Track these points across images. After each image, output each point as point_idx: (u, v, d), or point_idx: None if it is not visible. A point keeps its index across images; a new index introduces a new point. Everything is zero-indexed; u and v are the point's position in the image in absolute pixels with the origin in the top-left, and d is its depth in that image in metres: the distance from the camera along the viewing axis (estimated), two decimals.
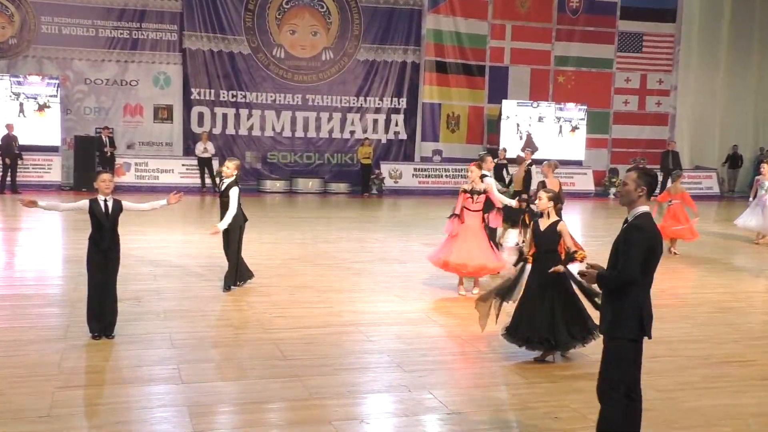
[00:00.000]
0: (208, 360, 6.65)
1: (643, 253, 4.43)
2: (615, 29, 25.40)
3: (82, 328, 7.35)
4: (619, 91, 25.77)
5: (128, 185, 20.61)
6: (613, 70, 25.60)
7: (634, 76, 25.76)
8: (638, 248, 4.43)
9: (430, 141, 24.07)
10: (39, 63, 21.08)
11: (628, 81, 25.75)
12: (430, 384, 6.21)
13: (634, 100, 25.93)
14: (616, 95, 25.76)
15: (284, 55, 22.96)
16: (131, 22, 21.55)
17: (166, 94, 22.11)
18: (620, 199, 4.70)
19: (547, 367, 6.74)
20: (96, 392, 5.80)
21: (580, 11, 25.02)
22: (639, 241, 4.44)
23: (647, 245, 4.43)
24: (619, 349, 4.57)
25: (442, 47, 23.90)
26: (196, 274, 10.18)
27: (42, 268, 10.52)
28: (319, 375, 6.36)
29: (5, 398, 5.55)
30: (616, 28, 25.40)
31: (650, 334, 4.58)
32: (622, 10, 25.30)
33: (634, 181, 4.54)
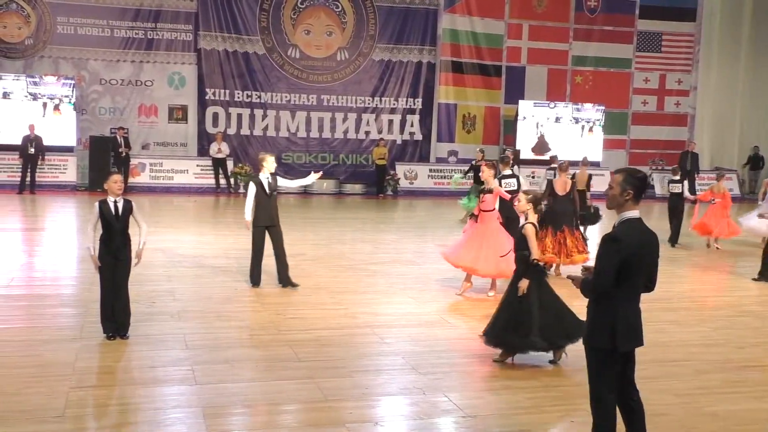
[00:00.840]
0: (222, 361, 6.67)
1: (615, 265, 4.32)
2: (634, 28, 25.27)
3: (97, 328, 7.40)
4: (637, 91, 25.64)
5: (143, 185, 20.75)
6: (632, 70, 25.47)
7: (653, 76, 25.62)
8: (609, 260, 4.34)
9: (446, 142, 24.05)
10: (55, 63, 21.26)
11: (647, 81, 25.61)
12: (445, 387, 6.20)
13: (653, 101, 25.79)
14: (635, 95, 25.62)
15: (299, 55, 23.02)
16: (146, 22, 21.69)
17: (181, 95, 22.23)
18: (607, 203, 4.59)
19: (563, 371, 6.72)
20: (110, 393, 5.84)
21: (598, 10, 24.91)
22: (611, 252, 4.35)
23: (621, 256, 4.31)
24: (592, 357, 4.53)
25: (458, 47, 23.88)
26: (210, 274, 10.23)
27: (57, 269, 10.60)
28: (334, 377, 6.37)
29: (20, 398, 5.60)
30: (634, 28, 25.27)
31: (625, 345, 4.43)
32: (641, 9, 25.17)
33: (619, 185, 4.42)
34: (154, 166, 21.20)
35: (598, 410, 4.56)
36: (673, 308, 9.16)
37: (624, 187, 4.42)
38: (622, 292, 4.41)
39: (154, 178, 21.10)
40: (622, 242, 4.35)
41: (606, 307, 4.44)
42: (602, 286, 4.39)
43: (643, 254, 4.41)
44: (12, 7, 20.95)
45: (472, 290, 9.63)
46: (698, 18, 25.58)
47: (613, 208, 4.52)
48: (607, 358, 4.46)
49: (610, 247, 4.37)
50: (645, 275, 4.51)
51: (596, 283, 4.41)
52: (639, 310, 4.53)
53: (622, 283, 4.37)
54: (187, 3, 21.96)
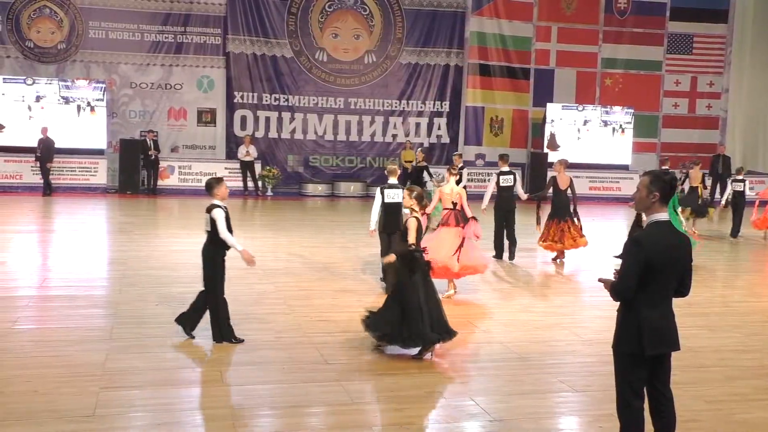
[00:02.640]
0: (249, 363, 6.72)
1: (638, 268, 4.30)
2: (664, 30, 25.01)
3: (127, 329, 7.51)
4: (668, 93, 25.36)
5: (172, 188, 20.95)
6: (662, 72, 25.21)
7: (683, 78, 25.32)
8: (632, 263, 4.32)
9: (473, 145, 23.99)
10: (86, 67, 21.56)
11: (678, 83, 25.33)
12: (472, 390, 6.19)
13: (684, 103, 25.49)
14: (666, 98, 25.35)
15: (327, 59, 23.12)
16: (176, 26, 21.91)
17: (210, 98, 22.42)
18: (635, 205, 4.57)
19: (591, 375, 6.67)
20: (139, 393, 5.90)
21: (628, 12, 24.69)
22: (632, 255, 4.33)
23: (643, 260, 4.29)
24: (619, 362, 4.51)
25: (486, 50, 23.80)
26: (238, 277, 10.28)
27: (87, 270, 10.74)
28: (361, 380, 6.39)
29: (51, 398, 5.69)
30: (665, 30, 25.01)
31: (651, 349, 4.38)
32: (671, 10, 24.89)
33: (646, 187, 4.40)
34: (183, 169, 21.40)
35: (625, 415, 4.52)
36: (704, 313, 9.06)
37: (650, 189, 4.39)
38: (648, 295, 4.37)
39: (183, 181, 21.30)
40: (645, 245, 4.31)
41: (632, 311, 4.41)
42: (624, 289, 4.36)
43: (669, 258, 4.35)
44: (45, 12, 21.29)
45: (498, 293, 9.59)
46: (730, 19, 25.25)
47: (641, 210, 4.50)
48: (634, 362, 4.42)
49: (632, 250, 4.34)
50: (676, 279, 4.46)
51: (618, 286, 4.38)
52: (669, 315, 4.48)
53: (646, 286, 4.33)
54: (216, 7, 22.16)
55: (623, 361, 4.48)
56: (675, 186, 4.48)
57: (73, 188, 20.11)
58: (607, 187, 23.69)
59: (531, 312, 9.06)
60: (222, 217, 7.06)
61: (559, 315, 9.22)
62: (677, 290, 4.52)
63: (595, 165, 23.67)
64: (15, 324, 7.65)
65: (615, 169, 23.93)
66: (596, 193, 23.39)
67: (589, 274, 11.94)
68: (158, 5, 21.76)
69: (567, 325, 8.53)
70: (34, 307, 8.46)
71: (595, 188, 23.50)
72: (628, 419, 4.51)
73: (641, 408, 4.50)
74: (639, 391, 4.48)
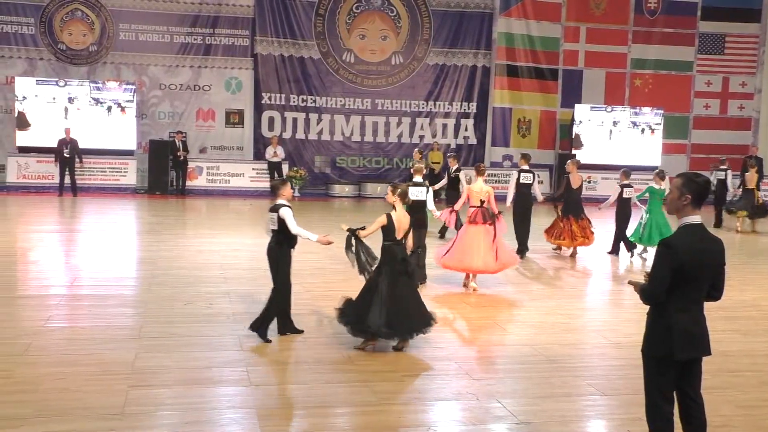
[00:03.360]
0: (276, 363, 6.75)
1: (668, 272, 4.24)
2: (695, 30, 24.71)
3: (156, 327, 7.58)
4: (699, 94, 25.05)
5: (200, 189, 21.14)
6: (693, 72, 24.91)
7: (715, 78, 25.00)
8: (661, 266, 4.27)
9: (501, 146, 23.90)
10: (117, 69, 21.84)
11: (709, 84, 25.01)
12: (499, 393, 6.16)
13: (716, 104, 25.16)
14: (696, 99, 25.05)
15: (354, 60, 23.17)
16: (204, 28, 22.11)
17: (238, 99, 22.59)
18: (667, 207, 4.52)
19: (620, 379, 6.61)
20: (167, 392, 5.96)
21: (659, 12, 24.44)
22: (663, 258, 4.28)
23: (674, 263, 4.23)
24: (649, 366, 4.46)
25: (514, 51, 23.71)
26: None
27: (117, 270, 10.87)
28: (387, 381, 6.39)
29: (81, 395, 5.76)
30: (696, 29, 24.71)
31: (681, 354, 4.33)
32: (702, 10, 24.60)
33: (678, 189, 4.35)
34: (211, 170, 21.58)
35: (654, 420, 4.48)
36: (735, 316, 8.93)
37: (682, 191, 4.33)
38: (679, 299, 4.31)
39: (211, 182, 21.48)
40: (675, 248, 4.26)
41: (663, 314, 4.36)
42: (654, 292, 4.31)
43: (701, 261, 4.29)
44: (77, 15, 21.60)
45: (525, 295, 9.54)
46: (763, 19, 24.87)
47: (672, 213, 4.44)
48: (663, 366, 4.37)
49: (663, 253, 4.29)
50: (708, 283, 4.39)
51: (648, 289, 4.33)
52: (701, 319, 4.42)
53: (677, 290, 4.28)
54: (245, 8, 22.31)
55: (653, 364, 4.43)
56: (709, 189, 4.41)
57: (103, 188, 20.37)
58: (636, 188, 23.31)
59: (559, 314, 9.00)
60: (291, 214, 7.23)
61: (588, 317, 9.15)
62: (709, 294, 4.45)
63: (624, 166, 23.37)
64: (47, 322, 7.76)
65: (644, 171, 23.64)
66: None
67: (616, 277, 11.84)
68: (187, 7, 21.97)
69: (595, 327, 8.45)
70: (65, 305, 8.58)
71: None
72: (657, 424, 4.46)
73: (671, 412, 4.45)
74: (668, 396, 4.42)
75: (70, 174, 19.49)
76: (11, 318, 7.97)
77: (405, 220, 7.28)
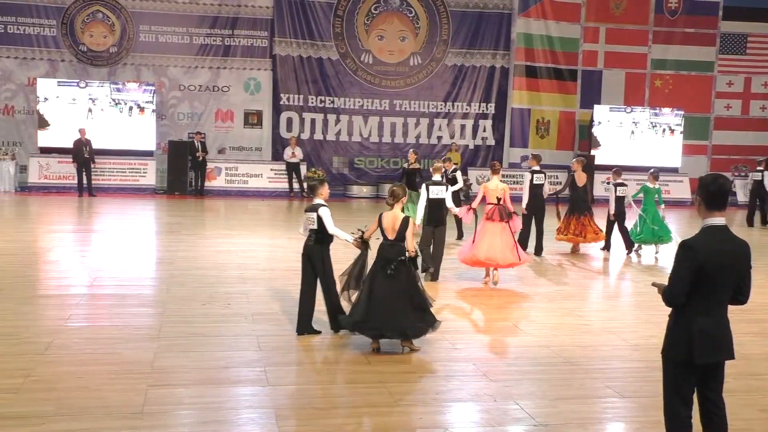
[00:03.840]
0: (294, 363, 6.77)
1: (688, 273, 4.21)
2: (717, 30, 24.49)
3: (174, 327, 7.63)
4: (720, 95, 24.83)
5: (218, 189, 21.25)
6: (714, 73, 24.69)
7: (737, 79, 24.77)
8: (680, 268, 4.25)
9: (519, 147, 23.82)
10: (137, 70, 22.00)
11: (731, 84, 24.78)
12: (517, 394, 6.14)
13: (737, 105, 24.93)
14: (717, 99, 24.83)
15: (372, 61, 23.19)
16: (224, 29, 22.22)
17: (256, 100, 22.68)
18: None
19: (639, 381, 6.56)
20: (186, 391, 5.99)
21: (679, 12, 24.25)
22: (682, 260, 4.25)
23: (693, 265, 4.20)
24: (668, 369, 4.43)
25: (533, 51, 23.62)
26: (283, 277, 10.38)
27: (136, 270, 10.95)
28: (404, 382, 6.39)
29: (100, 394, 5.80)
30: (717, 29, 24.49)
31: (701, 357, 4.27)
32: (724, 10, 24.38)
33: (694, 195, 4.44)
34: (230, 170, 21.68)
35: (672, 423, 4.44)
36: (758, 319, 8.83)
37: (696, 196, 4.39)
38: (700, 302, 4.27)
39: (230, 182, 21.58)
40: (694, 250, 4.23)
41: (683, 317, 4.32)
42: (674, 295, 4.28)
43: (721, 263, 4.24)
44: (98, 17, 21.78)
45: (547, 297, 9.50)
46: None
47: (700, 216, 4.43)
48: (683, 369, 4.34)
49: (682, 255, 4.26)
50: (731, 286, 4.34)
51: (669, 291, 4.30)
52: (723, 322, 4.36)
53: (699, 292, 4.24)
54: (264, 10, 22.40)
55: (672, 367, 4.40)
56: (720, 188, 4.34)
57: (122, 189, 20.51)
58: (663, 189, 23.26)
59: (577, 315, 8.96)
60: (329, 214, 7.37)
61: (607, 319, 9.10)
62: (734, 297, 4.40)
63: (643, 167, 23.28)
64: (67, 321, 7.83)
65: (664, 172, 23.47)
66: None
67: (636, 278, 11.76)
68: (206, 9, 22.09)
69: (614, 329, 8.40)
70: (85, 305, 8.65)
71: None
72: (676, 427, 4.43)
73: (689, 416, 4.41)
74: (687, 399, 4.39)
75: (87, 174, 19.65)
76: (32, 317, 8.05)
77: (396, 220, 7.22)
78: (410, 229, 7.13)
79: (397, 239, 7.16)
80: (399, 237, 7.15)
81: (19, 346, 6.92)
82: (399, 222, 7.17)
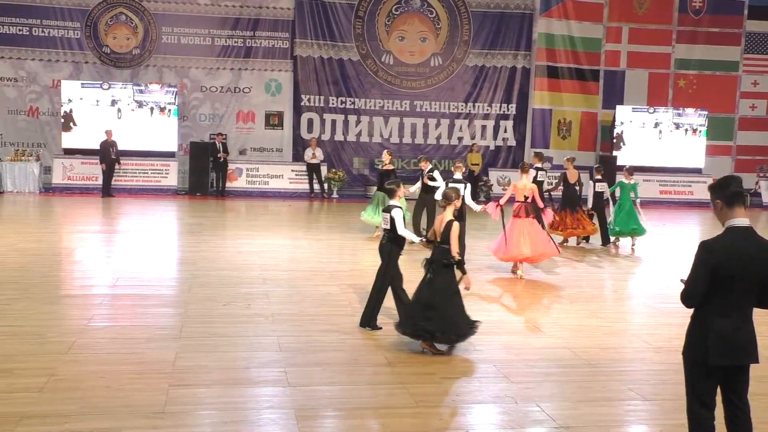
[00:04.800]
0: (314, 364, 6.79)
1: (705, 274, 4.18)
2: (742, 30, 24.23)
3: (196, 327, 7.68)
4: (745, 95, 24.55)
5: (240, 190, 21.35)
6: (739, 72, 24.43)
7: (762, 79, 24.47)
8: (697, 268, 4.22)
9: (540, 148, 23.62)
10: (159, 72, 22.17)
11: (756, 84, 24.49)
12: (538, 396, 6.12)
13: (762, 105, 24.64)
14: (742, 99, 24.56)
15: (393, 62, 23.19)
16: (245, 30, 22.32)
17: (277, 101, 22.77)
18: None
19: (661, 384, 6.51)
20: (206, 392, 6.03)
21: (704, 11, 24.02)
22: (699, 260, 4.22)
23: (710, 265, 4.17)
24: (687, 371, 4.41)
25: (554, 51, 23.51)
26: (304, 278, 10.42)
27: (158, 270, 11.03)
28: (425, 383, 6.38)
29: (124, 393, 5.86)
30: (743, 29, 24.23)
31: (717, 360, 4.23)
32: (750, 9, 24.11)
33: (711, 202, 4.39)
34: (251, 171, 21.78)
35: (693, 426, 4.41)
36: None
37: (713, 200, 4.35)
38: (719, 303, 4.23)
39: (251, 183, 21.68)
40: (711, 251, 4.20)
41: (700, 318, 4.30)
42: (690, 296, 4.25)
43: (741, 264, 4.18)
44: (121, 19, 21.98)
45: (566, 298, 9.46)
46: None
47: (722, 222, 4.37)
48: (701, 372, 4.30)
49: (699, 256, 4.23)
50: (755, 289, 4.27)
51: (684, 291, 4.27)
52: (744, 326, 4.29)
53: (717, 294, 4.20)
54: (285, 11, 22.49)
55: (691, 369, 4.37)
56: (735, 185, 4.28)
57: (144, 190, 20.69)
58: (678, 191, 23.11)
59: (599, 317, 8.91)
60: (401, 216, 7.75)
61: (628, 321, 9.04)
62: (760, 301, 4.33)
63: (666, 168, 23.14)
64: (90, 321, 7.91)
65: (687, 173, 23.32)
66: (667, 198, 22.85)
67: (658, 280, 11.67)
68: (228, 10, 22.21)
69: (636, 331, 8.34)
70: (107, 305, 8.73)
71: (666, 192, 22.96)
72: (697, 429, 4.39)
73: (710, 418, 4.37)
74: (706, 401, 4.35)
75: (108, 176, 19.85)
76: (56, 316, 8.14)
77: (442, 223, 7.31)
78: (455, 232, 7.18)
79: (442, 242, 7.26)
80: (443, 240, 7.25)
81: (43, 345, 7.00)
82: (444, 225, 7.29)
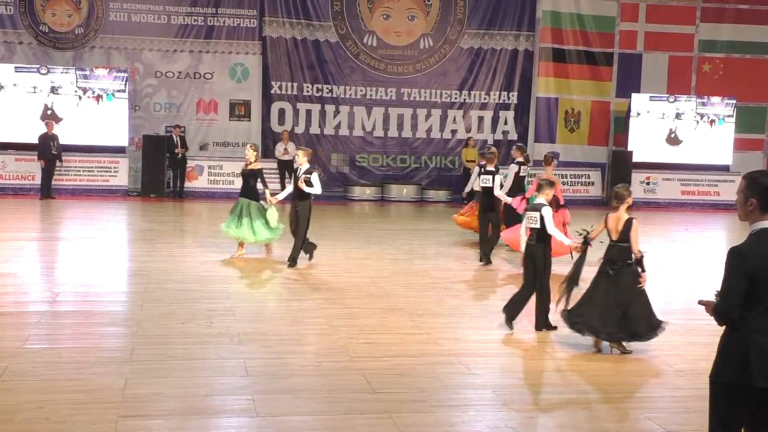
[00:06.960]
0: (286, 391, 6.78)
1: (742, 283, 4.19)
2: None
3: (149, 349, 7.65)
4: None
5: (200, 190, 21.29)
6: None
7: None
8: (732, 278, 4.23)
9: (545, 142, 23.77)
10: (107, 54, 22.04)
11: None
12: (545, 427, 6.14)
13: None
14: None
15: (377, 43, 23.22)
16: (206, 7, 22.23)
17: (244, 88, 22.73)
18: (738, 213, 4.46)
19: (685, 412, 6.55)
20: (162, 423, 6.00)
21: None
22: (734, 269, 4.23)
23: (747, 273, 4.18)
24: (719, 394, 4.35)
25: (561, 32, 23.60)
26: (273, 292, 10.42)
27: (106, 283, 10.97)
28: (413, 412, 6.39)
29: (65, 426, 5.82)
30: None
31: (761, 381, 4.19)
32: None
33: (742, 192, 4.32)
34: (213, 169, 21.72)
35: None
36: None
37: (746, 194, 4.30)
38: (757, 317, 4.25)
39: (213, 183, 21.61)
40: (747, 257, 4.21)
41: (738, 334, 4.29)
42: (728, 309, 4.26)
43: None
44: None
45: None
46: None
47: (742, 219, 4.39)
48: (735, 396, 4.30)
49: (733, 263, 4.24)
50: None
51: (721, 306, 4.28)
52: None
53: (755, 305, 4.22)
54: None
55: (722, 393, 4.36)
56: None
57: (90, 190, 20.57)
58: (703, 191, 23.28)
59: None
60: (551, 215, 8.53)
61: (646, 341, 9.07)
62: None
63: (688, 165, 23.30)
64: (25, 343, 7.85)
65: (713, 171, 23.47)
66: (690, 199, 23.03)
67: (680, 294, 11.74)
68: None
69: (655, 352, 8.39)
70: (46, 324, 8.67)
71: (688, 192, 23.14)
72: None
73: None
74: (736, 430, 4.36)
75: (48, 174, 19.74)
76: None
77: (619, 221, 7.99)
78: (635, 230, 7.89)
79: (620, 240, 7.97)
80: (622, 238, 7.95)
81: None
82: (622, 223, 7.96)
